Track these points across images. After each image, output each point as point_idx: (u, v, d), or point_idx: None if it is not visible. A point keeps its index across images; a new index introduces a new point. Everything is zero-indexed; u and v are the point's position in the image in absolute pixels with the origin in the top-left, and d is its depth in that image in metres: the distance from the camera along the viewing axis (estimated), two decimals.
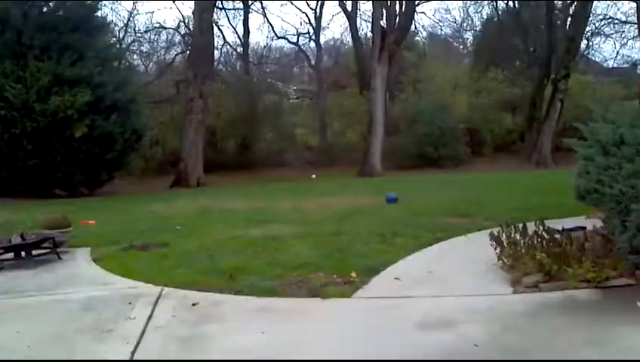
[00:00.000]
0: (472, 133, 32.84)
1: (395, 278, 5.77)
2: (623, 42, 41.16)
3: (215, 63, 36.16)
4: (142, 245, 8.62)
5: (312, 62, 42.95)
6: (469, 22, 44.41)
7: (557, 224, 6.89)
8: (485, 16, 40.96)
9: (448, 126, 30.89)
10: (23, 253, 7.64)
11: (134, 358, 4.20)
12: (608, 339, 4.11)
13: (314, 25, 41.28)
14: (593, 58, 40.07)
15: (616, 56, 51.01)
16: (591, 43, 38.07)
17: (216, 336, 4.61)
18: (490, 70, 35.37)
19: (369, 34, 36.03)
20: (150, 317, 5.11)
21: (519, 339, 4.22)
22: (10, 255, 7.70)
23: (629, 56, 39.65)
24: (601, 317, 4.61)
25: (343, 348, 4.25)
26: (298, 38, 42.98)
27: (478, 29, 42.62)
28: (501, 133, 33.45)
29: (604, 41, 52.56)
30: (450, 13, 64.65)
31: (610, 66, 39.77)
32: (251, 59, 39.72)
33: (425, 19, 74.08)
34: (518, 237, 6.30)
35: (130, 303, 5.53)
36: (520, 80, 35.29)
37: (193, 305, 5.43)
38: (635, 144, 5.16)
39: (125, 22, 34.93)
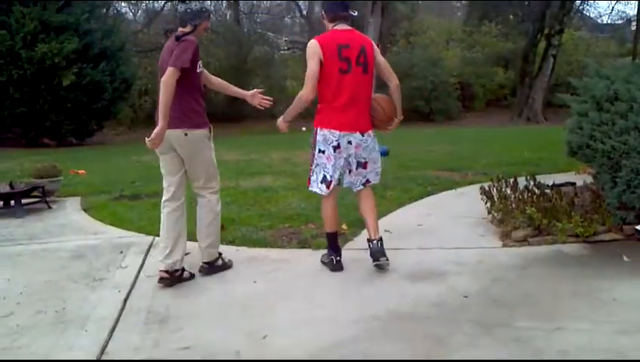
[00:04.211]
0: (464, 88, 32.74)
1: (386, 230, 5.80)
2: None
3: None
4: (133, 195, 8.61)
5: (304, 13, 42.27)
6: None
7: (547, 179, 6.94)
8: None
9: (440, 80, 30.65)
10: (12, 202, 7.59)
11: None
12: (594, 292, 4.18)
13: None
14: (588, 13, 39.70)
15: (611, 12, 50.61)
16: None
17: (209, 285, 4.66)
18: (484, 24, 34.99)
19: None
20: (142, 266, 5.14)
21: (507, 291, 4.28)
22: None
23: (623, 12, 39.39)
24: (588, 270, 4.69)
25: (333, 298, 4.31)
26: None
27: None
28: (493, 87, 33.34)
29: None
30: None
31: (605, 22, 39.49)
32: (242, 9, 38.97)
33: None
34: (508, 191, 6.34)
35: (121, 252, 5.56)
36: (513, 34, 34.96)
37: (185, 254, 5.44)
38: (629, 100, 5.15)
39: None
